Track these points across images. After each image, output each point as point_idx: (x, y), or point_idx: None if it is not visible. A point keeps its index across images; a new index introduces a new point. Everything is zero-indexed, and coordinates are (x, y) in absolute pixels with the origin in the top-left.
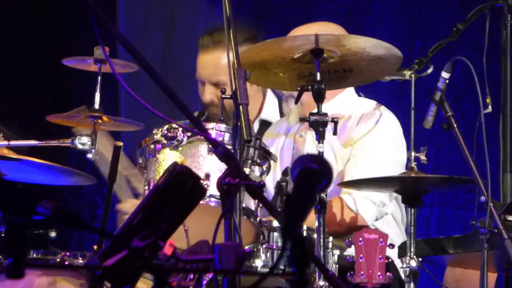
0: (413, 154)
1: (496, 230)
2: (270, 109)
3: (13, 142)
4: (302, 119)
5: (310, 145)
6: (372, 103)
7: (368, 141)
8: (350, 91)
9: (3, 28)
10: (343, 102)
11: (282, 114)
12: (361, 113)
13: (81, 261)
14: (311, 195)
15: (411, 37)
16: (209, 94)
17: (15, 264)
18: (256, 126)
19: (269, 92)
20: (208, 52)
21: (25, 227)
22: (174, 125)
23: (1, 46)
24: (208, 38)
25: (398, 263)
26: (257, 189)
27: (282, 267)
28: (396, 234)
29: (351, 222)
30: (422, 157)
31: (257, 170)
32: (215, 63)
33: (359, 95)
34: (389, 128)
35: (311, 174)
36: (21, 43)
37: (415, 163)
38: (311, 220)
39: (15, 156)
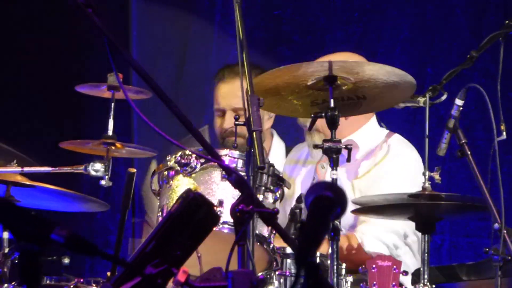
0: (427, 173)
1: (509, 258)
2: (276, 153)
3: (26, 169)
4: (316, 146)
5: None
6: (396, 137)
7: (388, 181)
8: (373, 122)
9: (17, 55)
10: (367, 134)
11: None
12: (384, 146)
13: None
14: (325, 222)
15: (423, 64)
16: (230, 121)
17: None
18: None
19: (276, 136)
20: (228, 82)
21: (39, 254)
22: (187, 152)
23: (16, 73)
24: (227, 70)
25: None
26: (270, 216)
27: None
28: (412, 262)
29: (360, 260)
30: (436, 176)
31: (270, 197)
32: (236, 91)
33: (381, 126)
34: (411, 169)
35: (325, 202)
36: (35, 70)
37: (429, 182)
38: (324, 246)
39: (28, 182)
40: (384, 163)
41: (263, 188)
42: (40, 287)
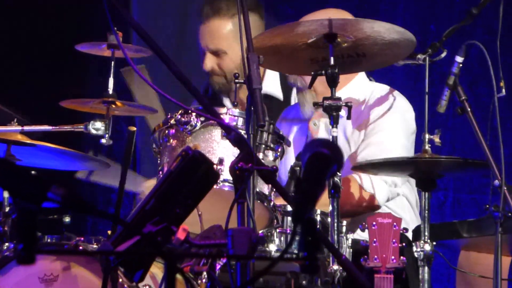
0: (427, 136)
1: (510, 214)
2: (270, 82)
3: (26, 128)
4: (316, 104)
5: (323, 133)
6: (386, 87)
7: (380, 124)
8: (362, 77)
9: (17, 15)
10: (356, 88)
11: (285, 91)
12: (374, 97)
13: (95, 246)
14: (321, 180)
15: (426, 21)
16: (209, 62)
17: (25, 250)
18: None
19: None
20: (208, 21)
21: (36, 213)
22: (187, 110)
23: (15, 33)
24: (207, 8)
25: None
26: (269, 174)
27: (295, 251)
28: (411, 218)
29: (366, 201)
30: (436, 139)
31: (270, 155)
32: (214, 31)
33: (370, 80)
34: (403, 114)
35: (321, 159)
36: (35, 29)
37: (429, 145)
38: (325, 204)
39: (29, 141)
40: (383, 119)
41: (263, 146)
42: (37, 246)
